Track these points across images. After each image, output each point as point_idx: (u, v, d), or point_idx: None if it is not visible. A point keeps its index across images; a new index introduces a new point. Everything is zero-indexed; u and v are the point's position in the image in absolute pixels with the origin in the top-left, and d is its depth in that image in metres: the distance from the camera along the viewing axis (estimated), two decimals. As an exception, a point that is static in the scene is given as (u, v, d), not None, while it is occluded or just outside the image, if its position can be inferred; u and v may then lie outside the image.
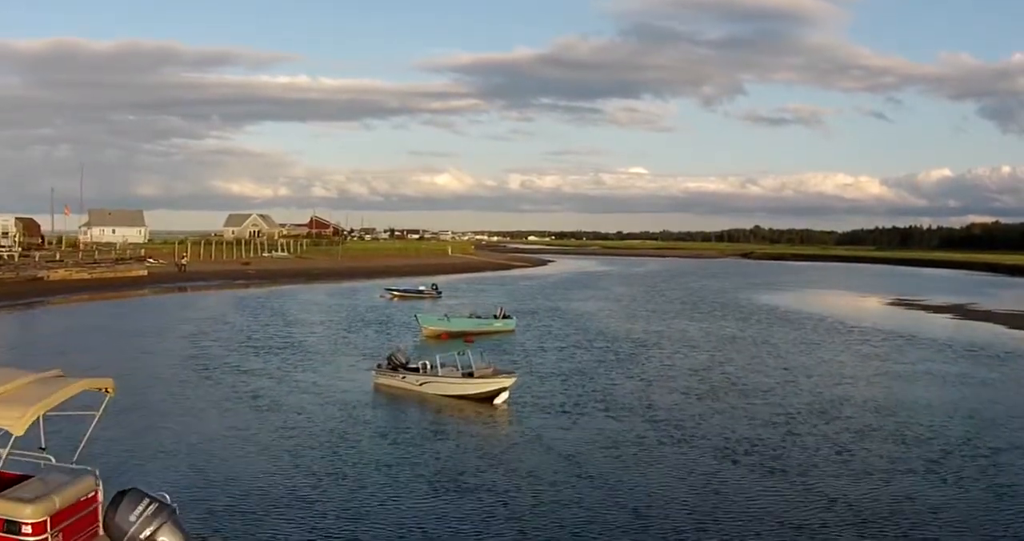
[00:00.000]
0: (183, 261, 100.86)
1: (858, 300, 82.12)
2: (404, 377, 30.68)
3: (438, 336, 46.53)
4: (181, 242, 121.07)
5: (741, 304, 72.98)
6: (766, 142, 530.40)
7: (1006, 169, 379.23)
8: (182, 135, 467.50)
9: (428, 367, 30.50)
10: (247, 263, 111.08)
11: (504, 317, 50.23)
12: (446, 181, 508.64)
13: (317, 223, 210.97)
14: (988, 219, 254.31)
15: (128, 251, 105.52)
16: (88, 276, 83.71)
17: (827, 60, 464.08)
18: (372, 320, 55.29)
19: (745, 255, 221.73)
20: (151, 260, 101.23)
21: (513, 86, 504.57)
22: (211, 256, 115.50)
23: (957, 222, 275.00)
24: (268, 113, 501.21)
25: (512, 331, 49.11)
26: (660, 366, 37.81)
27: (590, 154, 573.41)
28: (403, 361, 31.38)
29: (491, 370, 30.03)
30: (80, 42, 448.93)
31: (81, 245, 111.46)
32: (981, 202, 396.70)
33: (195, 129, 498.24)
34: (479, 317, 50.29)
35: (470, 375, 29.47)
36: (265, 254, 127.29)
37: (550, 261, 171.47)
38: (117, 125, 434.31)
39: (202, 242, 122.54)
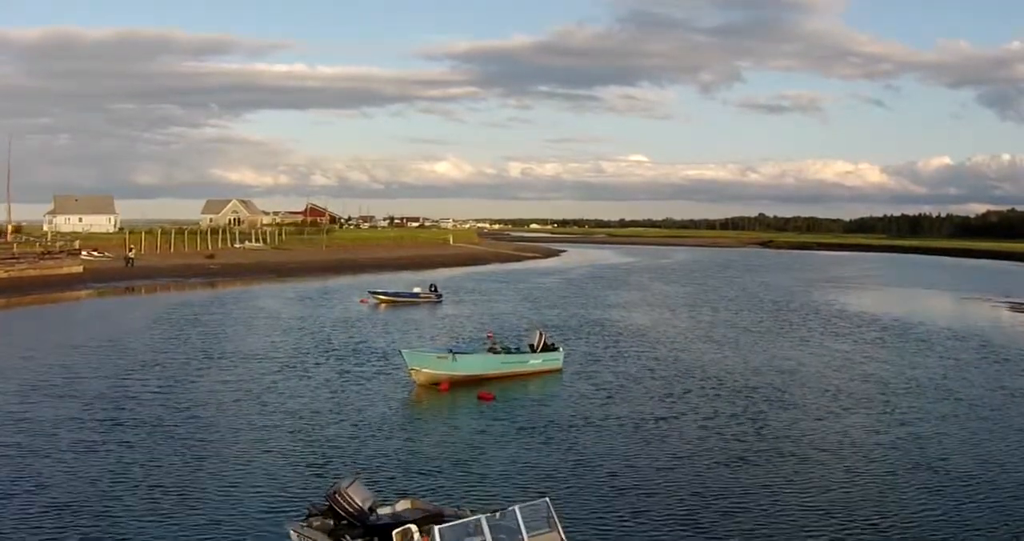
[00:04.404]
0: (131, 254, 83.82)
1: (964, 304, 64.35)
2: (354, 562, 12.97)
3: (435, 384, 28.88)
4: (132, 231, 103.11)
5: (832, 311, 56.00)
6: (765, 129, 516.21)
7: (1006, 157, 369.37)
8: (181, 124, 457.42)
9: (412, 538, 12.80)
10: (211, 256, 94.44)
11: (546, 348, 32.06)
12: (445, 169, 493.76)
13: (313, 211, 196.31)
14: (989, 207, 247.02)
15: (59, 242, 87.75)
16: (4, 274, 68.81)
17: (824, 47, 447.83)
18: (337, 349, 37.04)
19: (764, 244, 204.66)
20: (94, 253, 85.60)
21: (511, 74, 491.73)
22: (170, 247, 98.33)
23: (958, 210, 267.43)
24: (266, 101, 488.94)
25: (559, 371, 31.59)
26: (862, 473, 20.18)
27: (589, 142, 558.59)
28: (358, 508, 13.60)
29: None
30: (77, 30, 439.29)
31: (9, 236, 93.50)
32: (982, 190, 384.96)
33: (194, 118, 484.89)
34: (507, 350, 32.14)
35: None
36: (236, 245, 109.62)
37: (562, 251, 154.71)
38: (115, 114, 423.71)
39: (158, 231, 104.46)
